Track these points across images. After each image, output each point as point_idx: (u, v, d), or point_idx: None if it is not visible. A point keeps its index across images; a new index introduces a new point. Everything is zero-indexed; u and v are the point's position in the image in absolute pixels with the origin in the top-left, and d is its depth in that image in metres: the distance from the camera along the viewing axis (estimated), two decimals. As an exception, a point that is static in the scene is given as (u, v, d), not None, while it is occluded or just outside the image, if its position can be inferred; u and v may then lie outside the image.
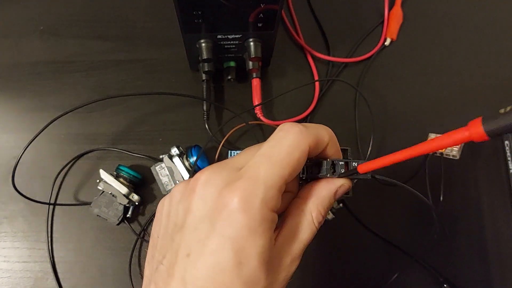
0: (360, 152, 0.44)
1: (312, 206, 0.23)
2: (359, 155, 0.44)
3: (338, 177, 0.23)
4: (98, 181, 0.40)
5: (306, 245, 0.23)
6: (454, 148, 0.41)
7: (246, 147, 0.44)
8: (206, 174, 0.21)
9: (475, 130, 0.17)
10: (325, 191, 0.23)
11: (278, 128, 0.22)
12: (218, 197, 0.19)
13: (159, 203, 0.25)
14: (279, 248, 0.21)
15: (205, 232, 0.19)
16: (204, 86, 0.43)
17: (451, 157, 0.42)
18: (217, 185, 0.20)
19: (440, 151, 0.42)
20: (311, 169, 0.24)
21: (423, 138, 0.45)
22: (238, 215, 0.18)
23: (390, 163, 0.21)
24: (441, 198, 0.41)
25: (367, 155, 0.44)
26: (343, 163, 0.23)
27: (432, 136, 0.43)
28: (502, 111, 0.16)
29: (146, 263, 0.24)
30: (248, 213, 0.18)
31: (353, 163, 0.22)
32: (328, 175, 0.22)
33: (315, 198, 0.23)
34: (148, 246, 0.25)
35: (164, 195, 0.41)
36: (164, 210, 0.23)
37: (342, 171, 0.23)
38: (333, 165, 0.23)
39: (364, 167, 0.22)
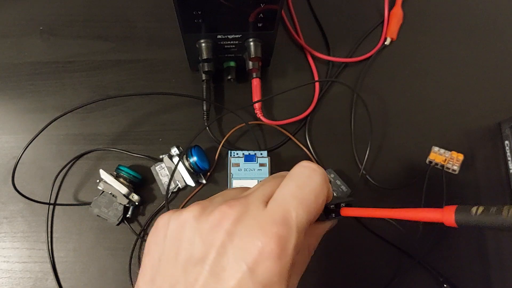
0: (355, 155, 0.44)
1: (312, 243, 0.24)
2: (356, 157, 0.44)
3: (328, 219, 0.25)
4: (98, 181, 0.40)
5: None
6: (455, 164, 0.42)
7: (246, 147, 0.44)
8: (237, 210, 0.20)
9: (448, 217, 0.19)
10: (321, 231, 0.25)
11: (302, 165, 0.22)
12: (251, 239, 0.19)
13: (161, 218, 0.22)
14: None
15: (233, 273, 0.18)
16: (204, 86, 0.43)
17: (451, 171, 0.43)
18: (250, 226, 0.19)
19: (442, 163, 0.42)
20: None
21: (423, 138, 0.45)
22: (272, 262, 0.18)
23: (369, 216, 0.23)
24: (444, 201, 0.41)
25: (365, 157, 0.44)
26: (333, 205, 0.24)
27: (435, 149, 0.43)
28: (474, 210, 0.18)
29: (141, 280, 0.22)
30: (282, 260, 0.19)
31: (342, 204, 0.24)
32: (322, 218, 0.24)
33: (315, 238, 0.25)
34: (143, 258, 0.23)
35: (164, 195, 0.41)
36: (171, 231, 0.21)
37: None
38: (326, 209, 0.24)
39: (346, 212, 0.24)
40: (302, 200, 0.20)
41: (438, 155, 0.43)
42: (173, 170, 0.40)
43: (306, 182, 0.21)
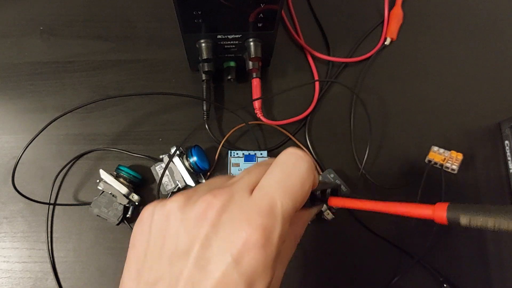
0: (354, 154, 0.44)
1: (298, 231, 0.24)
2: (356, 157, 0.44)
3: (313, 206, 0.24)
4: (98, 181, 0.40)
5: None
6: (454, 164, 0.42)
7: (246, 147, 0.44)
8: (220, 200, 0.19)
9: (439, 214, 0.19)
10: (307, 218, 0.25)
11: (288, 152, 0.22)
12: (235, 230, 0.19)
13: (146, 210, 0.22)
14: None
15: (218, 265, 0.18)
16: (204, 86, 0.43)
17: (450, 170, 0.43)
18: (235, 216, 0.19)
19: (441, 163, 0.42)
20: None
21: (423, 138, 0.45)
22: (257, 253, 0.18)
23: (358, 208, 0.22)
24: (442, 199, 0.41)
25: (365, 157, 0.44)
26: (319, 192, 0.24)
27: (434, 148, 0.43)
28: (466, 208, 0.19)
29: (127, 274, 0.21)
30: (267, 251, 0.18)
31: (328, 189, 0.24)
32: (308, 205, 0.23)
33: (301, 226, 0.24)
34: (128, 251, 0.22)
35: (164, 195, 0.41)
36: (156, 223, 0.21)
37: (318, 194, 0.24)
38: (312, 195, 0.23)
39: (334, 201, 0.23)
40: (287, 188, 0.20)
41: (437, 155, 0.43)
42: (165, 166, 0.40)
43: (292, 170, 0.21)
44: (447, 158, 0.42)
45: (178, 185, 0.41)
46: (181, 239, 0.19)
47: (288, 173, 0.21)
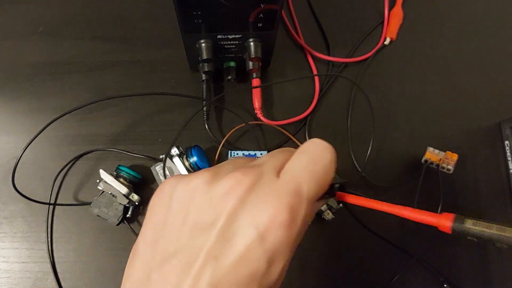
0: (352, 155, 0.44)
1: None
2: (354, 157, 0.44)
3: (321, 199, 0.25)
4: (98, 181, 0.40)
5: None
6: (449, 164, 0.42)
7: (246, 147, 0.44)
8: (250, 178, 0.20)
9: (444, 223, 0.20)
10: (316, 207, 0.25)
11: (315, 141, 0.22)
12: (264, 206, 0.19)
13: (167, 183, 0.22)
14: None
15: (243, 239, 0.18)
16: (204, 86, 0.43)
17: (445, 171, 0.43)
18: (264, 194, 0.19)
19: (437, 162, 0.42)
20: None
21: (422, 138, 0.45)
22: (283, 231, 0.19)
23: (365, 205, 0.24)
24: (441, 198, 0.41)
25: (367, 155, 0.44)
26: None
27: (430, 149, 0.43)
28: (469, 221, 0.20)
29: (142, 242, 0.21)
30: (291, 231, 0.19)
31: (336, 185, 0.25)
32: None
33: (312, 213, 0.24)
34: (145, 220, 0.22)
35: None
36: (179, 195, 0.21)
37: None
38: None
39: (344, 196, 0.24)
40: (313, 174, 0.21)
41: (433, 155, 0.43)
42: (163, 161, 0.40)
43: (318, 158, 0.21)
44: (443, 159, 0.42)
45: (178, 185, 0.41)
46: (206, 211, 0.19)
47: (314, 160, 0.21)
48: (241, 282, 0.18)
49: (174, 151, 0.41)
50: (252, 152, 0.42)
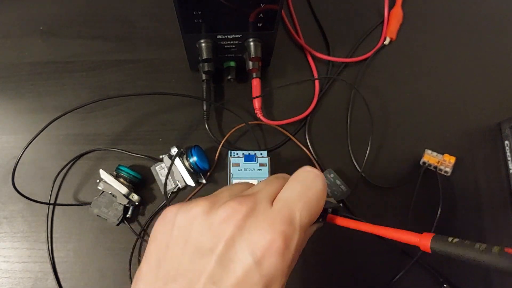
0: (351, 155, 0.44)
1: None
2: (353, 157, 0.44)
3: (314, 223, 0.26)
4: (98, 181, 0.40)
5: None
6: (447, 166, 0.43)
7: (246, 147, 0.44)
8: (247, 206, 0.21)
9: (424, 243, 0.22)
10: (310, 232, 0.27)
11: (306, 170, 0.24)
12: (260, 233, 0.20)
13: (169, 211, 0.23)
14: None
15: (240, 265, 0.19)
16: (204, 86, 0.43)
17: (443, 173, 0.43)
18: (260, 222, 0.20)
19: (435, 165, 0.43)
20: None
21: (422, 138, 0.45)
22: (278, 258, 0.20)
23: (351, 227, 0.25)
24: (440, 199, 0.41)
25: (366, 156, 0.44)
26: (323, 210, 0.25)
27: (428, 152, 0.43)
28: (450, 239, 0.20)
29: (145, 265, 0.22)
30: (286, 257, 0.20)
31: (329, 209, 0.26)
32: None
33: (305, 238, 0.26)
34: (148, 245, 0.23)
35: (164, 195, 0.41)
36: (180, 223, 0.22)
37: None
38: None
39: (332, 219, 0.26)
40: (306, 202, 0.22)
41: (431, 157, 0.43)
42: (168, 168, 0.40)
43: (310, 186, 0.23)
44: (441, 161, 0.42)
45: (178, 185, 0.41)
46: (206, 237, 0.20)
47: (306, 188, 0.23)
48: None
49: (174, 151, 0.41)
50: (252, 152, 0.42)
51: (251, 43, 0.39)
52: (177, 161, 0.40)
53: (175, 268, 0.20)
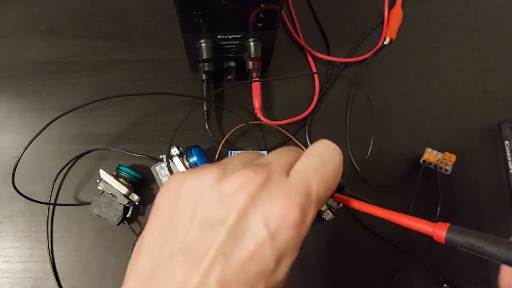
0: (350, 154, 0.44)
1: None
2: (352, 157, 0.44)
3: None
4: (98, 181, 0.40)
5: None
6: (447, 165, 0.42)
7: (246, 147, 0.44)
8: (261, 176, 0.20)
9: (438, 232, 0.20)
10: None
11: (324, 143, 0.22)
12: (275, 205, 0.19)
13: (174, 178, 0.21)
14: None
15: (253, 237, 0.18)
16: (204, 86, 0.43)
17: (443, 171, 0.43)
18: (275, 193, 0.19)
19: (435, 163, 0.42)
20: None
21: (422, 138, 0.45)
22: (293, 231, 0.19)
23: (362, 210, 0.24)
24: (440, 199, 0.41)
25: (367, 155, 0.44)
26: None
27: (428, 150, 0.43)
28: (464, 232, 0.20)
29: (148, 237, 0.20)
30: (301, 230, 0.19)
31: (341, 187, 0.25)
32: None
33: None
34: (150, 215, 0.21)
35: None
36: (187, 191, 0.20)
37: None
38: None
39: (340, 198, 0.25)
40: (323, 175, 0.21)
41: (431, 155, 0.43)
42: (166, 164, 0.40)
43: (328, 160, 0.22)
44: (441, 159, 0.42)
45: (178, 185, 0.41)
46: (216, 208, 0.19)
47: (325, 162, 0.21)
48: (249, 280, 0.18)
49: (174, 151, 0.41)
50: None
51: (251, 43, 0.39)
52: (177, 161, 0.40)
53: (181, 241, 0.19)
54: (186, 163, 0.40)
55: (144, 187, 0.43)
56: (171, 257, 0.18)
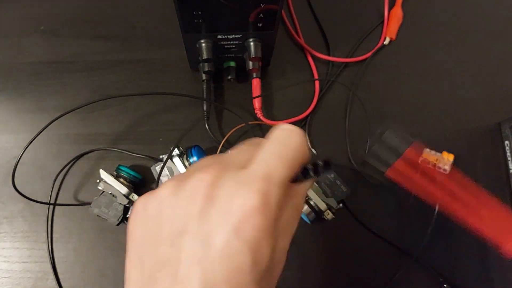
0: (350, 155, 0.44)
1: (298, 202, 0.23)
2: (351, 157, 0.44)
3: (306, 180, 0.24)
4: (98, 181, 0.40)
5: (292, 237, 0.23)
6: (446, 164, 0.42)
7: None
8: (212, 174, 0.19)
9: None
10: (303, 189, 0.24)
11: (280, 127, 0.22)
12: (232, 198, 0.19)
13: (138, 203, 0.22)
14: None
15: (219, 236, 0.18)
16: (204, 86, 0.43)
17: (442, 170, 0.43)
18: (229, 186, 0.19)
19: (433, 162, 0.42)
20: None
21: (422, 138, 0.45)
22: (257, 218, 0.18)
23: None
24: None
25: (366, 154, 0.44)
26: (311, 166, 0.23)
27: (426, 150, 0.43)
28: None
29: (129, 264, 0.21)
30: (266, 214, 0.18)
31: (319, 162, 0.24)
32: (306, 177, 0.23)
33: (299, 198, 0.23)
34: (127, 244, 0.22)
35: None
36: (150, 212, 0.21)
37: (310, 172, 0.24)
38: (306, 169, 0.23)
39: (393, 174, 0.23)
40: (282, 157, 0.20)
41: (430, 155, 0.43)
42: (163, 164, 0.40)
43: (285, 141, 0.21)
44: (439, 159, 0.42)
45: (178, 185, 0.41)
46: (177, 218, 0.19)
47: (281, 144, 0.21)
48: (231, 278, 0.18)
49: (174, 151, 0.41)
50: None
51: (251, 43, 0.39)
52: (177, 161, 0.40)
53: (155, 258, 0.19)
54: (186, 163, 0.40)
55: (144, 187, 0.43)
56: (151, 277, 0.19)
